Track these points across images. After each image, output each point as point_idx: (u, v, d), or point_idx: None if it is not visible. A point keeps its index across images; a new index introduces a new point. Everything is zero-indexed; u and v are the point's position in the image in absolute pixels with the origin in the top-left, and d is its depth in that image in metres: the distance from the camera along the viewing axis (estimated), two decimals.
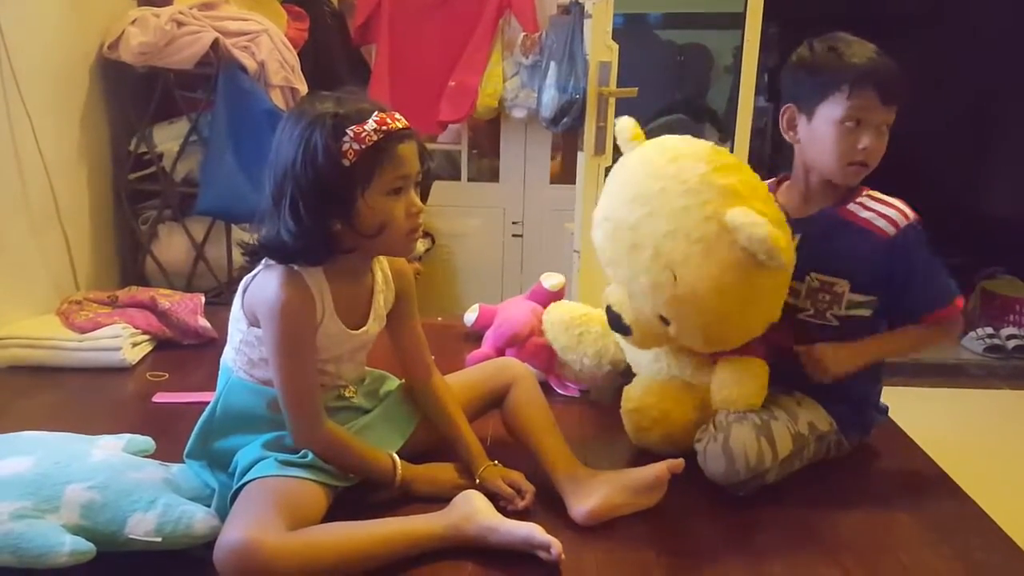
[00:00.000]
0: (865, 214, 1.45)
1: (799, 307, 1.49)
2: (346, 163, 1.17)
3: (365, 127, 1.18)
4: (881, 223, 1.43)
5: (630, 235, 1.39)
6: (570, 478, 1.32)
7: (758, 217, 1.29)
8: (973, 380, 3.25)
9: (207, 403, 1.32)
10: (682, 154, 1.39)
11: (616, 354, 1.71)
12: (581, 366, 1.74)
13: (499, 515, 1.21)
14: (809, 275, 1.47)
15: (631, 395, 1.55)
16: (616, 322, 1.48)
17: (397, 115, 1.22)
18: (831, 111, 1.41)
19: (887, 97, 1.40)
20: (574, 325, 1.73)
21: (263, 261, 1.27)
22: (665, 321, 1.42)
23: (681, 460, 1.33)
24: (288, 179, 1.18)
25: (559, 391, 1.79)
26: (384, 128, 1.19)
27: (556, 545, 1.15)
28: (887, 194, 1.48)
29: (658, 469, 1.30)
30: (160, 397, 1.73)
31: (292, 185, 1.18)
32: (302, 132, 1.18)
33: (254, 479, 1.19)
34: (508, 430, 1.45)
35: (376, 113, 1.19)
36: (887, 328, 1.51)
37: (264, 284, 1.24)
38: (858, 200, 1.47)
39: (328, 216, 1.20)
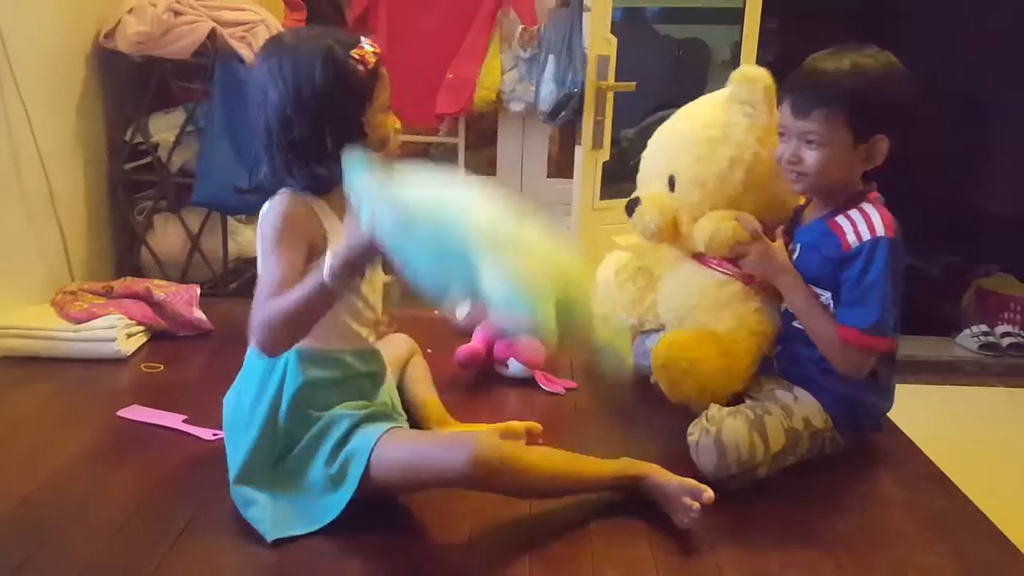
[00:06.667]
0: (843, 223, 1.41)
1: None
2: (357, 84, 1.24)
3: (364, 50, 1.25)
4: (849, 233, 1.40)
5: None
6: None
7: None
8: (968, 377, 3.25)
9: (173, 428, 1.27)
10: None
11: (646, 315, 1.75)
12: (613, 308, 1.76)
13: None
14: None
15: (658, 352, 1.53)
16: (631, 204, 1.64)
17: None
18: None
19: (797, 108, 1.39)
20: (624, 270, 1.78)
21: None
22: (671, 183, 1.60)
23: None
24: (298, 110, 1.21)
25: (545, 388, 1.77)
26: (377, 51, 1.27)
27: (707, 491, 1.26)
28: (885, 197, 1.45)
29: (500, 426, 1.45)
30: (125, 412, 1.61)
31: (302, 115, 1.22)
32: (308, 63, 1.21)
33: (372, 448, 1.21)
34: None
35: (363, 38, 1.27)
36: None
37: (270, 204, 1.26)
38: (848, 211, 1.42)
39: (341, 137, 1.22)
